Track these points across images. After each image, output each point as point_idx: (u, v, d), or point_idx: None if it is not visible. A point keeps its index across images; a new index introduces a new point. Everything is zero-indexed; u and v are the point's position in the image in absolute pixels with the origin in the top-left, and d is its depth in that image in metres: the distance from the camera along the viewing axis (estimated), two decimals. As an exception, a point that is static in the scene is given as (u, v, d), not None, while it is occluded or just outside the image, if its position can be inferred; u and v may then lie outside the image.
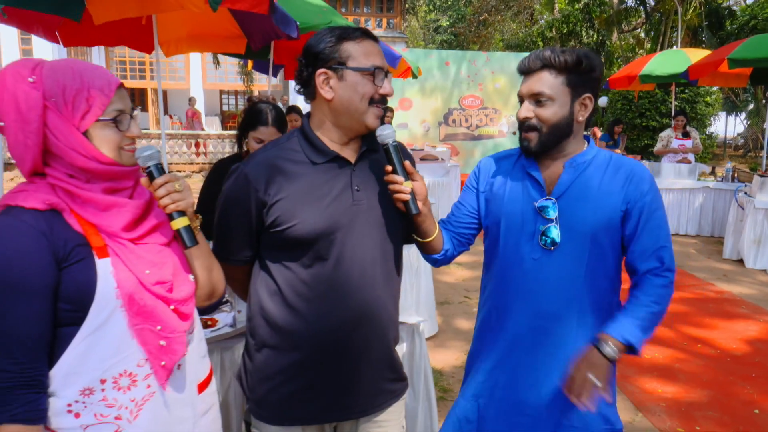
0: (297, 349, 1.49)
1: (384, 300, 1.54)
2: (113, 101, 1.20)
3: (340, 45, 1.42)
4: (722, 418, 3.26)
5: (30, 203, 1.15)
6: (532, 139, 1.56)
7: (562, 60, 1.51)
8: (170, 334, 1.24)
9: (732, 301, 5.40)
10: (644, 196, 1.55)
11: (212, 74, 20.98)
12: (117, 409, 1.20)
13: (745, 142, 25.37)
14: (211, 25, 4.66)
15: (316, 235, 1.43)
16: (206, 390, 1.39)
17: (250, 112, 2.75)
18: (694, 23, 17.92)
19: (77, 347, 1.17)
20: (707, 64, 7.96)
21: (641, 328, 1.54)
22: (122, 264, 1.19)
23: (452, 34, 27.58)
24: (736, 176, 8.06)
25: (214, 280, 1.40)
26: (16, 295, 1.11)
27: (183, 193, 1.25)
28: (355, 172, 1.49)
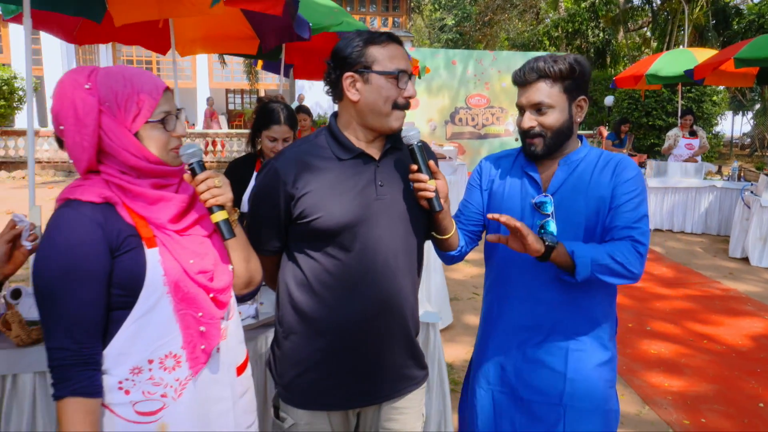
0: (322, 336, 1.57)
1: (405, 290, 1.62)
2: (160, 103, 1.29)
3: (367, 49, 1.49)
4: (727, 410, 3.33)
5: (87, 197, 1.25)
6: (538, 144, 1.65)
7: (557, 69, 1.59)
8: (209, 321, 1.33)
9: (737, 298, 5.47)
10: (625, 182, 1.63)
11: (219, 73, 21.12)
12: (163, 387, 1.29)
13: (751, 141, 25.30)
14: (225, 26, 4.74)
15: (340, 227, 1.51)
16: (244, 373, 1.48)
17: (263, 112, 2.82)
18: (700, 22, 17.92)
19: (127, 329, 1.26)
20: (713, 63, 8.00)
21: (591, 253, 1.55)
22: (169, 253, 1.29)
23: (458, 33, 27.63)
24: (742, 175, 8.11)
25: (251, 269, 1.48)
26: (76, 280, 1.21)
27: (222, 189, 1.33)
28: (379, 168, 1.57)
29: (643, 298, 5.22)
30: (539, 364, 1.70)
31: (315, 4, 4.96)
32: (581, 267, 1.54)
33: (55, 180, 13.25)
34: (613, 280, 1.59)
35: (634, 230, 1.60)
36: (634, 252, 1.58)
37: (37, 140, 14.49)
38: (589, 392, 1.68)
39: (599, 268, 1.56)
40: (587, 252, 1.55)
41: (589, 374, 1.68)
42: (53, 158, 14.01)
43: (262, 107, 2.84)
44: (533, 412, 1.72)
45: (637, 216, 1.62)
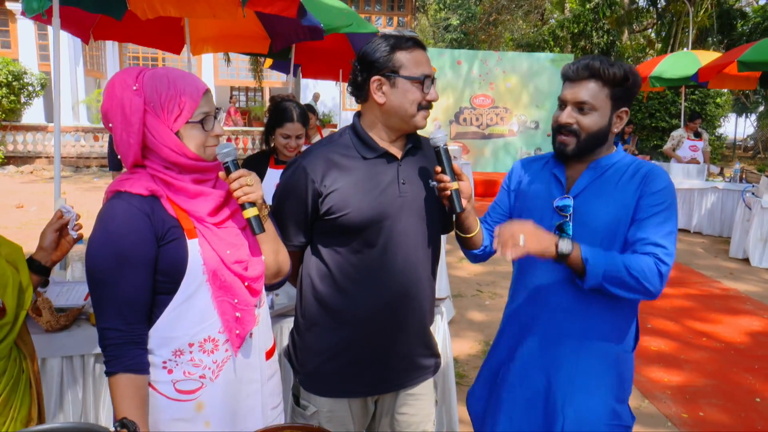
0: (345, 327, 1.66)
1: (424, 282, 1.71)
2: (200, 105, 1.38)
3: (394, 54, 1.56)
4: (725, 405, 3.43)
5: (136, 189, 1.36)
6: (570, 143, 1.63)
7: (611, 73, 1.57)
8: (244, 307, 1.43)
9: (737, 297, 5.55)
10: (653, 193, 1.59)
11: (224, 71, 21.21)
12: (202, 369, 1.40)
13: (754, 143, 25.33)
14: (238, 26, 4.83)
15: (366, 223, 1.60)
16: (272, 358, 1.59)
17: (276, 110, 2.94)
18: (705, 24, 17.96)
19: (170, 314, 1.37)
20: (717, 66, 8.07)
21: (606, 263, 1.52)
22: (208, 244, 1.39)
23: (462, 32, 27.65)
24: (744, 177, 8.19)
25: (280, 261, 1.57)
26: (127, 265, 1.31)
27: (253, 187, 1.41)
28: (401, 166, 1.65)
29: (645, 296, 5.30)
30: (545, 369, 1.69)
31: (325, 5, 5.05)
32: (591, 275, 1.51)
33: (65, 175, 13.37)
34: (624, 293, 1.55)
35: (658, 247, 1.55)
36: (655, 269, 1.53)
37: (46, 135, 14.63)
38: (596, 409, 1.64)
39: (611, 279, 1.52)
40: (601, 261, 1.52)
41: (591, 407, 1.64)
42: (61, 153, 14.13)
43: (276, 106, 2.95)
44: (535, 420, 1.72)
45: (663, 231, 1.57)
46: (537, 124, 13.22)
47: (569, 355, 1.67)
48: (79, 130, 14.86)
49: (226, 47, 5.35)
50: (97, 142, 14.79)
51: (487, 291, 5.54)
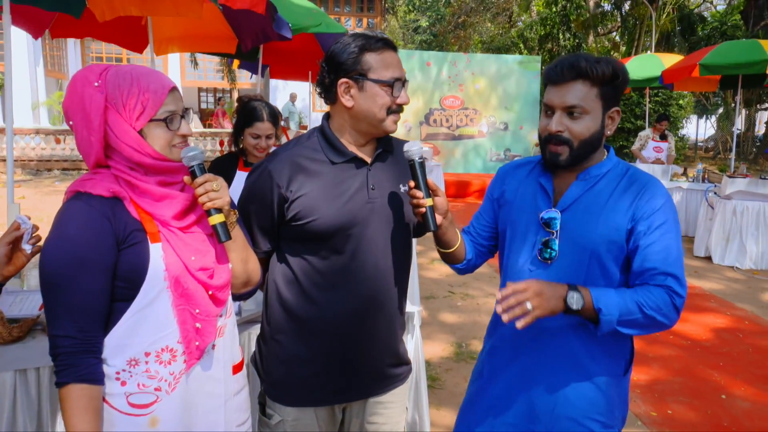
0: (311, 335, 1.61)
1: (394, 291, 1.67)
2: (165, 103, 1.33)
3: (362, 56, 1.50)
4: (692, 402, 3.48)
5: (97, 190, 1.30)
6: (563, 153, 1.49)
7: (600, 71, 1.43)
8: (206, 318, 1.37)
9: (702, 295, 5.67)
10: (653, 213, 1.45)
11: (191, 72, 20.85)
12: (157, 381, 1.33)
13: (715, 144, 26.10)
14: (203, 25, 4.72)
15: (334, 230, 1.54)
16: (240, 372, 1.52)
17: (245, 110, 2.86)
18: (667, 28, 18.43)
19: (127, 321, 1.30)
20: (681, 69, 8.27)
21: (620, 308, 1.39)
22: (171, 249, 1.32)
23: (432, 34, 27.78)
24: (706, 177, 8.39)
25: (249, 270, 1.50)
26: (84, 270, 1.25)
27: (220, 192, 1.35)
28: (371, 171, 1.60)
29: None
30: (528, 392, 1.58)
31: (293, 5, 4.98)
32: (605, 324, 1.39)
33: (24, 179, 12.94)
34: (639, 332, 1.44)
35: (670, 277, 1.42)
36: (670, 303, 1.41)
37: (2, 138, 14.12)
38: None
39: (626, 323, 1.40)
40: (614, 306, 1.39)
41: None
42: (21, 156, 13.67)
43: (244, 105, 2.87)
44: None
45: (672, 257, 1.43)
46: (506, 126, 13.34)
47: (551, 379, 1.56)
48: (40, 132, 14.38)
49: (192, 47, 5.24)
50: (59, 144, 14.35)
51: (459, 292, 5.54)
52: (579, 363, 1.53)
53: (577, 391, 1.54)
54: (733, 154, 9.02)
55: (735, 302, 5.46)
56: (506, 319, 1.35)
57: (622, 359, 1.59)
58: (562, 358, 1.54)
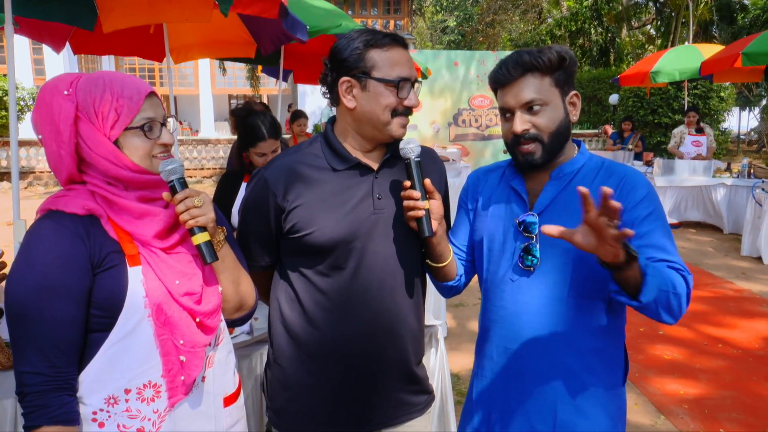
0: (313, 360, 1.47)
1: (404, 311, 1.50)
2: (142, 109, 1.20)
3: (367, 52, 1.37)
4: (747, 419, 3.20)
5: (70, 208, 1.17)
6: (536, 151, 1.41)
7: (545, 59, 1.38)
8: (191, 349, 1.22)
9: (752, 299, 5.32)
10: (638, 205, 1.38)
11: (221, 80, 21.13)
12: (140, 421, 1.19)
13: (758, 137, 25.09)
14: (221, 31, 4.66)
15: (334, 243, 1.40)
16: (234, 404, 1.38)
17: (245, 130, 2.73)
18: (705, 18, 17.76)
19: (105, 354, 1.17)
20: (721, 59, 7.86)
21: (660, 278, 1.26)
22: (153, 273, 1.19)
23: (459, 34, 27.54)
24: (752, 172, 7.94)
25: (242, 292, 1.37)
26: (54, 297, 1.13)
27: (202, 209, 1.23)
28: (377, 179, 1.46)
29: (654, 300, 5.07)
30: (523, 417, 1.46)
31: (312, 6, 4.87)
32: (650, 287, 1.23)
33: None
34: (663, 315, 1.31)
35: (676, 264, 1.34)
36: (684, 287, 1.31)
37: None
38: None
39: (660, 296, 1.26)
40: (657, 272, 1.26)
41: None
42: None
43: (243, 125, 2.73)
44: None
45: (669, 245, 1.36)
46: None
47: (549, 398, 1.43)
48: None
49: (211, 53, 5.17)
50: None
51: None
52: (576, 377, 1.42)
53: (577, 409, 1.42)
54: (780, 148, 8.52)
55: (789, 306, 5.10)
56: (556, 232, 1.23)
57: (619, 369, 1.49)
58: (558, 375, 1.43)
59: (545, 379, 1.43)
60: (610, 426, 1.44)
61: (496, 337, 1.49)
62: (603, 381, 1.44)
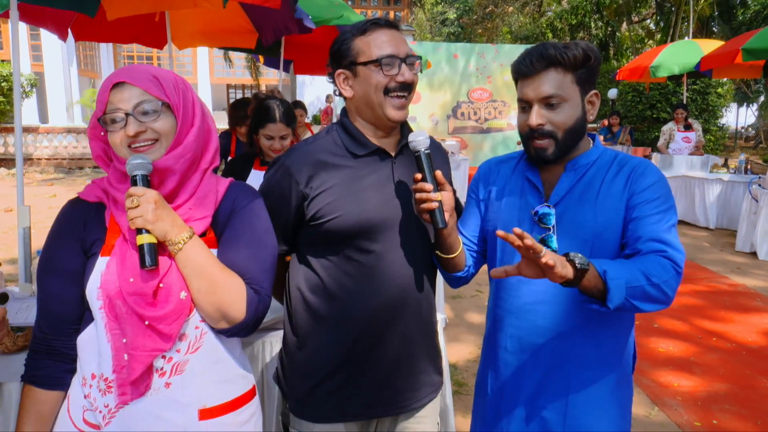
0: (342, 342, 1.49)
1: (425, 290, 1.54)
2: (109, 101, 1.21)
3: (352, 42, 1.44)
4: (740, 411, 3.25)
5: (86, 195, 1.27)
6: (548, 147, 1.41)
7: (571, 56, 1.37)
8: (133, 351, 1.17)
9: (746, 293, 5.37)
10: (645, 189, 1.39)
11: (220, 68, 21.02)
12: (94, 411, 1.22)
13: (756, 133, 25.15)
14: (223, 20, 4.65)
15: (359, 227, 1.44)
16: (215, 419, 1.27)
17: (258, 110, 2.76)
18: (705, 13, 17.74)
19: (86, 334, 1.24)
20: (721, 55, 7.88)
21: (626, 274, 1.24)
22: (115, 266, 1.18)
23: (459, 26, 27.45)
24: (749, 168, 7.99)
25: (217, 303, 1.22)
26: (48, 273, 1.26)
27: (139, 209, 1.15)
28: (396, 164, 1.50)
29: (650, 294, 5.12)
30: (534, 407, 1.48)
31: (314, -3, 4.86)
32: (615, 291, 1.22)
33: (57, 177, 13.19)
34: (647, 306, 1.28)
35: (665, 244, 1.33)
36: (672, 270, 1.29)
37: (37, 137, 14.43)
38: None
39: (633, 291, 1.24)
40: (620, 272, 1.24)
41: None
42: (54, 155, 13.96)
43: (258, 106, 2.77)
44: None
45: (665, 226, 1.35)
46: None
47: (562, 388, 1.45)
48: (71, 131, 14.65)
49: (212, 42, 5.15)
50: (91, 142, 14.61)
51: (487, 291, 5.36)
52: (590, 367, 1.44)
53: (588, 398, 1.45)
54: (777, 144, 8.57)
55: (783, 301, 5.16)
56: (502, 273, 1.25)
57: (629, 357, 1.53)
58: (572, 365, 1.45)
59: (559, 369, 1.45)
60: (618, 414, 1.47)
61: (510, 328, 1.50)
62: (616, 369, 1.47)
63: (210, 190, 1.30)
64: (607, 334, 1.45)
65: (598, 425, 1.45)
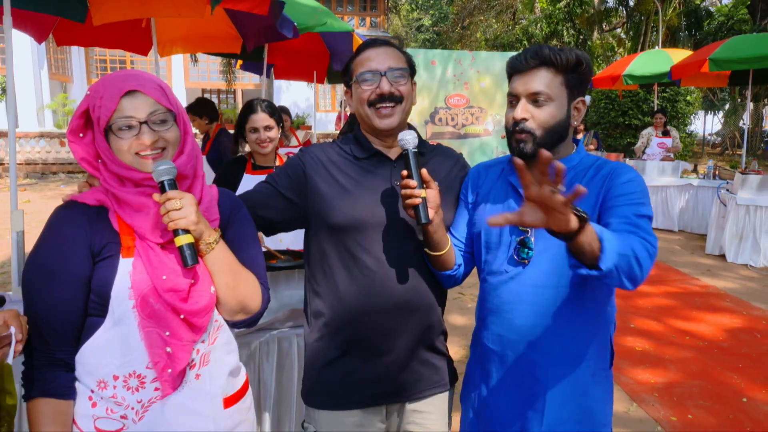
0: (341, 333, 1.58)
1: (424, 287, 1.62)
2: (118, 109, 1.22)
3: (350, 66, 1.62)
4: (713, 406, 3.39)
5: (84, 198, 1.26)
6: (528, 141, 1.47)
7: (563, 59, 1.43)
8: (177, 342, 1.24)
9: (716, 294, 5.57)
10: (620, 185, 1.43)
11: (194, 73, 20.86)
12: (123, 408, 1.23)
13: (722, 140, 25.92)
14: (208, 26, 4.67)
15: (355, 224, 1.54)
16: (235, 406, 1.37)
17: (242, 110, 2.87)
18: (673, 23, 18.27)
19: (99, 338, 1.23)
20: (690, 64, 8.16)
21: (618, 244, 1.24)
22: (142, 266, 1.22)
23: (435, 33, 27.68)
24: (717, 174, 8.27)
25: (240, 296, 1.33)
26: (51, 280, 1.21)
27: (182, 211, 1.21)
28: (395, 168, 1.61)
29: (626, 295, 5.26)
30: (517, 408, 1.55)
31: (298, 4, 4.91)
32: (609, 254, 1.21)
33: (30, 182, 12.92)
34: (626, 282, 1.29)
35: (638, 227, 1.35)
36: (645, 250, 1.31)
37: (6, 141, 14.12)
38: None
39: (621, 261, 1.24)
40: (613, 240, 1.24)
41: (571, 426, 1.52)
42: (25, 160, 13.67)
43: (243, 107, 2.88)
44: None
45: (638, 211, 1.39)
46: (512, 124, 13.22)
47: (540, 383, 1.51)
48: (44, 135, 14.38)
49: (196, 48, 5.17)
50: (63, 147, 14.34)
51: (468, 293, 5.47)
52: (566, 363, 1.50)
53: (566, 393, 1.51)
54: (744, 150, 8.89)
55: (751, 301, 5.36)
56: (501, 220, 1.22)
57: (606, 353, 1.58)
58: (549, 362, 1.50)
59: (537, 365, 1.51)
60: (596, 409, 1.54)
61: (493, 326, 1.58)
62: (592, 365, 1.53)
63: (211, 196, 1.38)
64: (583, 332, 1.51)
65: (574, 418, 1.52)
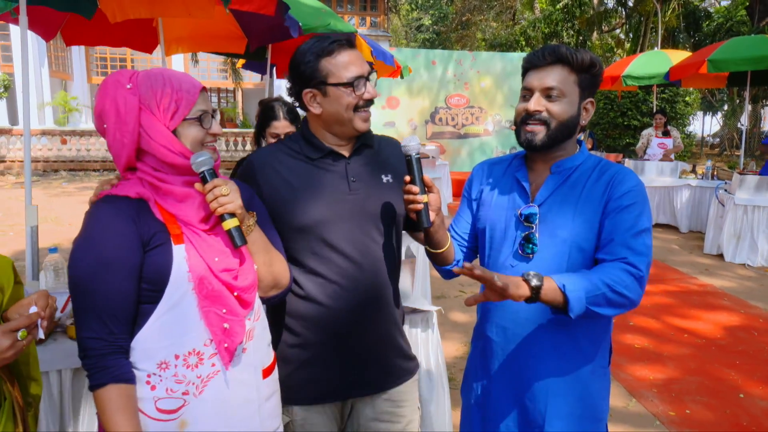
0: (308, 331, 1.61)
1: (386, 281, 1.66)
2: (198, 102, 1.34)
3: (319, 63, 1.52)
4: (710, 402, 3.46)
5: (125, 192, 1.31)
6: (539, 132, 1.51)
7: (579, 58, 1.49)
8: (233, 317, 1.35)
9: (714, 293, 5.64)
10: (622, 195, 1.49)
11: (194, 72, 20.87)
12: (185, 385, 1.31)
13: (720, 141, 26.02)
14: (213, 25, 4.72)
15: (313, 223, 1.56)
16: (270, 376, 1.49)
17: (263, 111, 2.89)
18: (672, 24, 18.35)
19: (154, 324, 1.29)
20: (688, 65, 8.22)
21: (585, 286, 1.37)
22: (195, 250, 1.31)
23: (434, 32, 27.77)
24: (715, 174, 8.34)
25: (275, 272, 1.48)
26: (110, 271, 1.26)
27: (230, 196, 1.32)
28: (350, 164, 1.62)
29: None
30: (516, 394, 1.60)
31: (302, 4, 4.96)
32: (575, 302, 1.36)
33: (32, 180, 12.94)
34: (611, 311, 1.41)
35: (630, 250, 1.44)
36: (631, 276, 1.41)
37: (10, 139, 14.17)
38: None
39: (595, 299, 1.38)
40: (579, 284, 1.37)
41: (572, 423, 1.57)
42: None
43: (263, 107, 2.91)
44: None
45: (635, 230, 1.46)
46: (512, 124, 13.29)
47: (542, 377, 1.56)
48: (46, 133, 14.42)
49: (200, 47, 5.22)
50: (65, 145, 14.38)
51: (470, 291, 5.53)
52: (567, 357, 1.55)
53: (566, 386, 1.55)
54: (742, 151, 8.97)
55: (748, 300, 5.43)
56: (472, 301, 1.36)
57: (605, 350, 1.63)
58: (550, 354, 1.55)
59: (539, 358, 1.55)
60: (593, 404, 1.58)
61: (496, 318, 1.63)
62: (591, 361, 1.57)
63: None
64: (584, 328, 1.55)
65: (574, 413, 1.56)
